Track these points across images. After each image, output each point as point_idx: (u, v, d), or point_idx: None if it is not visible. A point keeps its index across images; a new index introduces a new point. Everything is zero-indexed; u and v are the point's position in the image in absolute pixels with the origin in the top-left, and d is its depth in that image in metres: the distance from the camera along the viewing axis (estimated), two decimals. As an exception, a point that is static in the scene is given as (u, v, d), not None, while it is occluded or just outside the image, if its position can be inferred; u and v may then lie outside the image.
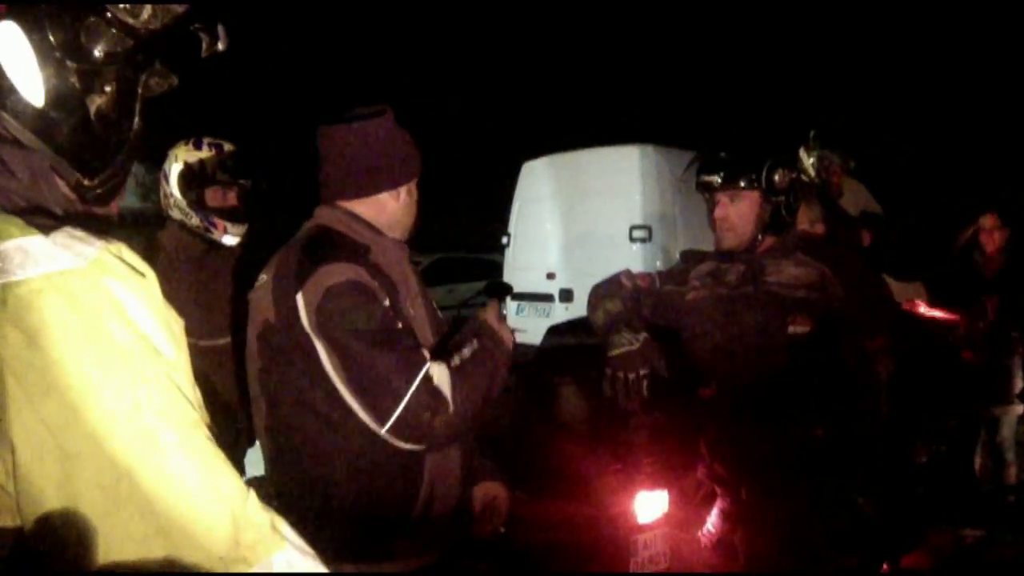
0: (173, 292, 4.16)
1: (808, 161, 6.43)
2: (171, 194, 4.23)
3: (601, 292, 4.00)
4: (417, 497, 2.76)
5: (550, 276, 11.42)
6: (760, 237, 3.81)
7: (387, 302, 2.71)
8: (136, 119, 1.68)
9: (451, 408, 2.60)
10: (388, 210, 2.95)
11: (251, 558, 1.49)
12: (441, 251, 19.78)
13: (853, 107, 20.47)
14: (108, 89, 1.60)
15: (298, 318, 2.66)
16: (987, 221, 7.18)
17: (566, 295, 11.14)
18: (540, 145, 12.29)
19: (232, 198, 4.28)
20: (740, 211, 3.77)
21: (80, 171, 1.61)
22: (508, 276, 11.55)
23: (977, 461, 6.65)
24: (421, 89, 25.92)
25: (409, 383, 2.56)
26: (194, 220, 4.20)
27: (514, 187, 12.19)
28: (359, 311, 2.63)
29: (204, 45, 1.77)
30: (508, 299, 10.96)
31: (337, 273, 2.65)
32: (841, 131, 6.59)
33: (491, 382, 2.78)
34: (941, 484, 5.38)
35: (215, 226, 4.21)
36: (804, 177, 5.70)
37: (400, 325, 2.73)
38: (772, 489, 3.69)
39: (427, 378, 2.59)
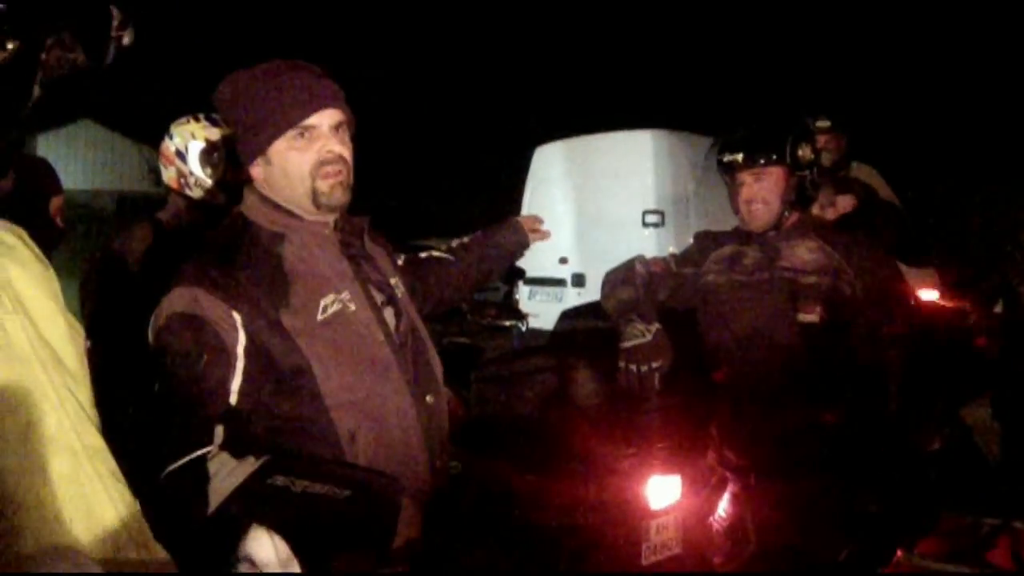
0: None
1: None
2: (191, 173, 4.07)
3: (615, 279, 3.99)
4: None
5: (563, 261, 11.41)
6: (787, 214, 3.80)
7: (240, 339, 2.32)
8: (36, 89, 1.53)
9: (208, 510, 2.17)
10: (272, 185, 2.55)
11: None
12: (454, 236, 19.73)
13: (860, 89, 20.41)
14: (11, 46, 1.47)
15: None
16: None
17: (578, 280, 11.14)
18: (553, 129, 12.28)
19: (239, 175, 4.15)
20: (767, 188, 3.75)
21: None
22: (520, 260, 11.52)
23: None
24: (435, 74, 25.90)
25: (175, 457, 2.20)
26: (221, 198, 4.03)
27: (526, 171, 12.18)
28: (178, 352, 2.29)
29: (114, 24, 1.63)
30: (520, 283, 10.96)
31: (179, 301, 2.34)
32: (845, 115, 6.48)
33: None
34: (955, 471, 5.37)
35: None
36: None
37: (216, 384, 2.29)
38: (782, 475, 3.70)
39: (199, 464, 2.20)
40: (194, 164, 4.08)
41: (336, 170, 2.50)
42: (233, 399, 2.30)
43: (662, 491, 4.23)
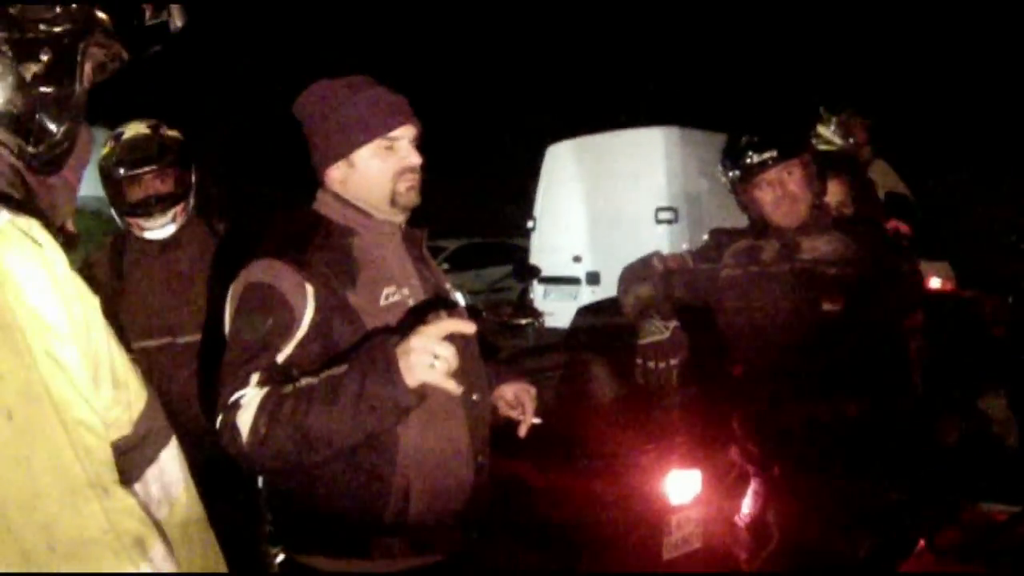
0: (142, 290, 3.94)
1: (829, 130, 6.30)
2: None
3: (632, 275, 3.98)
4: (387, 496, 2.55)
5: (576, 259, 11.45)
6: (817, 202, 3.80)
7: (308, 310, 2.50)
8: (77, 85, 1.64)
9: (243, 441, 2.31)
10: (350, 186, 2.74)
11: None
12: (467, 236, 19.77)
13: (870, 82, 20.36)
14: (44, 57, 1.57)
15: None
16: None
17: (593, 278, 11.17)
18: (564, 128, 12.29)
19: (150, 186, 3.94)
20: (798, 182, 3.72)
21: (21, 137, 1.59)
22: (534, 259, 11.58)
23: None
24: (444, 73, 25.89)
25: (223, 404, 2.39)
26: (118, 220, 4.02)
27: (539, 171, 12.21)
28: (247, 317, 2.52)
29: (146, 15, 1.73)
30: (535, 282, 11.00)
31: (257, 271, 2.56)
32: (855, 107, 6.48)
33: (327, 422, 2.28)
34: (973, 461, 5.38)
35: (130, 225, 3.97)
36: (831, 147, 5.65)
37: (274, 340, 2.47)
38: (805, 467, 3.69)
39: (234, 405, 2.36)
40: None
41: (413, 177, 2.76)
42: (281, 358, 2.46)
43: (682, 486, 4.24)
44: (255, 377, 2.39)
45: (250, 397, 2.35)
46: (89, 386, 1.47)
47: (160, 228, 3.96)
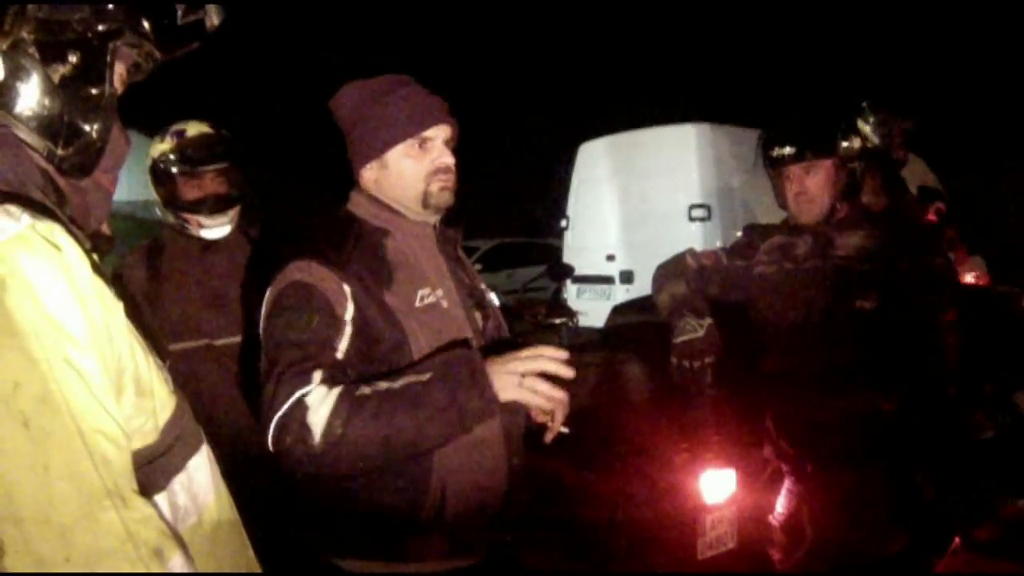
0: (180, 293, 3.87)
1: (868, 128, 6.30)
2: (152, 194, 4.01)
3: (666, 273, 3.97)
4: (424, 498, 2.52)
5: (610, 258, 11.43)
6: (837, 207, 3.79)
7: (349, 309, 2.47)
8: (107, 86, 1.64)
9: (315, 441, 2.24)
10: (383, 186, 2.71)
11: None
12: (500, 236, 19.77)
13: (902, 79, 20.25)
14: (72, 59, 1.58)
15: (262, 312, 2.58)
16: None
17: (626, 276, 11.14)
18: (597, 126, 12.28)
19: (210, 185, 3.93)
20: (817, 182, 3.72)
21: (49, 140, 1.59)
22: (568, 259, 11.56)
23: None
24: (476, 74, 25.92)
25: (283, 402, 2.29)
26: (170, 218, 3.97)
27: (571, 169, 12.20)
28: (291, 316, 2.45)
29: (179, 14, 1.72)
30: (568, 281, 10.98)
31: (296, 272, 2.51)
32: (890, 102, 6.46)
33: (413, 427, 2.27)
34: (1009, 457, 5.34)
35: (188, 223, 3.93)
36: (868, 145, 5.62)
37: (324, 340, 2.42)
38: (840, 465, 3.68)
39: (299, 403, 2.27)
40: (150, 184, 4.03)
41: (447, 177, 2.71)
42: (340, 356, 2.42)
43: (716, 485, 4.23)
44: (317, 375, 2.33)
45: (319, 396, 2.28)
46: (110, 394, 1.47)
47: (219, 227, 3.95)
